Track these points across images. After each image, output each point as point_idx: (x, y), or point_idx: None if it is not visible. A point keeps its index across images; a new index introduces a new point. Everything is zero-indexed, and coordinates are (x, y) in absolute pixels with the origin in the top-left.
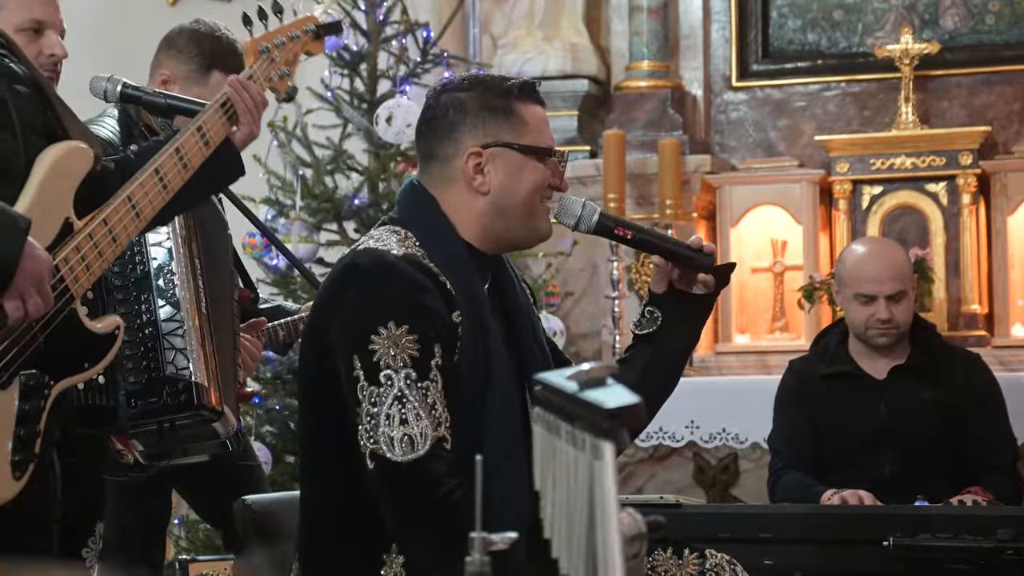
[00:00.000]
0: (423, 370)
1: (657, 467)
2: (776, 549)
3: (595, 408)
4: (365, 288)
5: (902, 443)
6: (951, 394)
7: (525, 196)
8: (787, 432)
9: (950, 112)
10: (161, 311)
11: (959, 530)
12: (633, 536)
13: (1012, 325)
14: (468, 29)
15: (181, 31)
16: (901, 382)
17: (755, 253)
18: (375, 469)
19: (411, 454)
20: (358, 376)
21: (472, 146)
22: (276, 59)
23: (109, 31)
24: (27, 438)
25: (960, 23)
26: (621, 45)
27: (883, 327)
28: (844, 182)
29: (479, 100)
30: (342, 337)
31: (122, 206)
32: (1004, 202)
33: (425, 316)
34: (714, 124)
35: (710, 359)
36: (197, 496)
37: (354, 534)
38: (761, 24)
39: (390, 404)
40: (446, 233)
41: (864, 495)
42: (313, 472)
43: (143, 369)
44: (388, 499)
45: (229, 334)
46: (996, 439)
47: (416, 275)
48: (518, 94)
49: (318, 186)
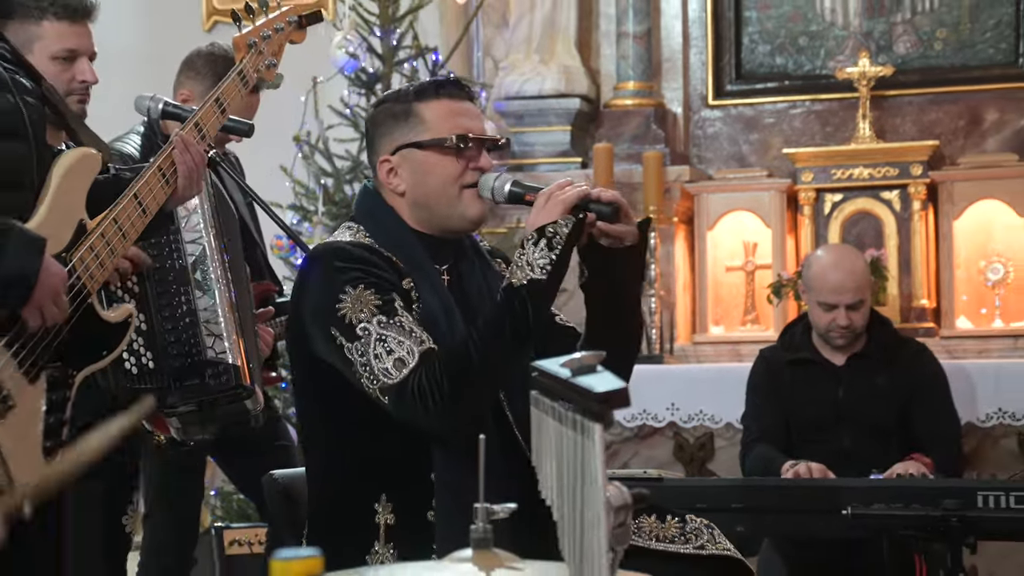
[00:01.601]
0: (390, 311)
1: (640, 445)
2: (747, 518)
3: (586, 392)
4: (322, 270)
5: (858, 421)
6: (902, 379)
7: (437, 188)
8: (756, 412)
9: (902, 128)
10: (199, 301)
11: (910, 500)
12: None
13: (957, 318)
14: (472, 53)
15: (199, 54)
16: (858, 368)
17: (729, 254)
18: (389, 401)
19: (406, 369)
20: (340, 343)
21: (383, 155)
22: (263, 51)
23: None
24: (55, 425)
25: (911, 49)
26: (609, 67)
27: (842, 331)
28: (808, 190)
29: (384, 112)
30: (313, 317)
31: (130, 204)
32: (951, 208)
33: (378, 277)
34: (692, 138)
35: (688, 348)
36: (233, 469)
37: (348, 492)
38: (735, 49)
39: (374, 346)
40: (392, 223)
41: (815, 467)
42: (309, 446)
43: (185, 354)
44: (411, 415)
45: (250, 322)
46: (940, 418)
47: (364, 253)
48: (415, 96)
49: (338, 193)
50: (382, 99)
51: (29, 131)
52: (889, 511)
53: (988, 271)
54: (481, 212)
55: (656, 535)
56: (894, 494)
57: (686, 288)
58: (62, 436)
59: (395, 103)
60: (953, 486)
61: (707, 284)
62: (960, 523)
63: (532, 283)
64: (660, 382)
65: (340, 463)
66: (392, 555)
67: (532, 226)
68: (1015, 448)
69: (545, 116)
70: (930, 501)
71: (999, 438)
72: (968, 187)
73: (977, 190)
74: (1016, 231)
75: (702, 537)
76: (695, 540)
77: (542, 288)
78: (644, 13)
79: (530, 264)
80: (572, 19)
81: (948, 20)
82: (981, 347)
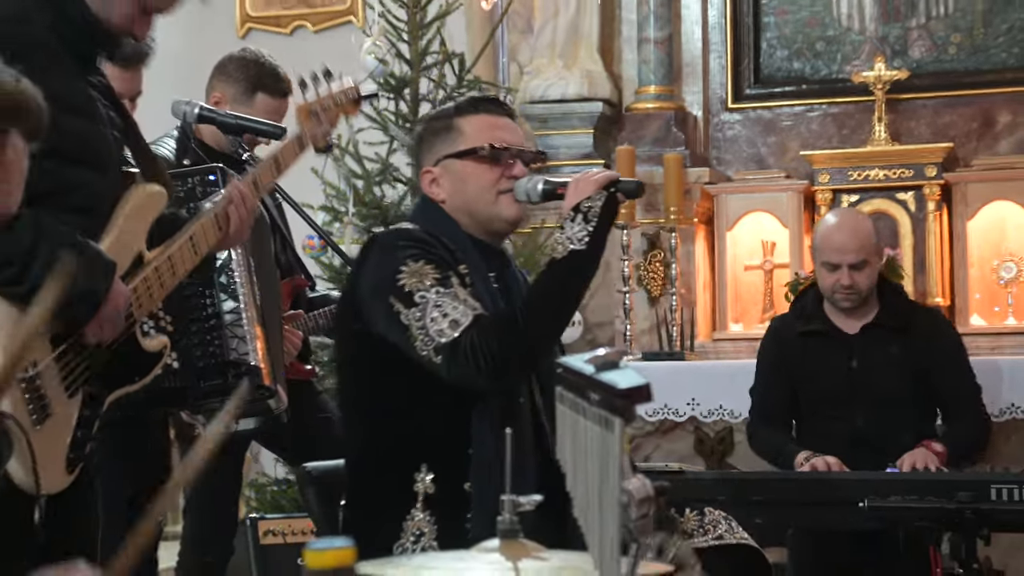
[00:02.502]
0: (446, 283)
1: (662, 439)
2: (766, 510)
3: (610, 388)
4: (383, 248)
5: (872, 394)
6: (917, 348)
7: (474, 194)
8: (764, 384)
9: (917, 130)
10: (224, 304)
11: (925, 493)
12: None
13: (971, 315)
14: (498, 58)
15: (231, 58)
16: (871, 338)
17: (748, 253)
18: (443, 360)
19: (460, 328)
20: (398, 310)
21: (425, 167)
22: (322, 120)
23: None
24: (82, 440)
25: (926, 53)
26: (631, 72)
27: (845, 292)
28: (825, 191)
29: (428, 128)
30: (371, 291)
31: (184, 245)
32: (964, 209)
33: (437, 255)
34: (712, 141)
35: (708, 345)
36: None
37: (390, 461)
38: (753, 53)
39: (431, 311)
40: (450, 225)
41: (832, 461)
42: (352, 418)
43: (209, 354)
44: (461, 372)
45: (277, 325)
46: (959, 387)
47: (425, 236)
48: (456, 112)
49: (368, 195)
50: (426, 117)
51: (112, 163)
52: (905, 503)
53: (1001, 270)
54: (518, 213)
55: None
56: (909, 487)
57: (706, 287)
58: (85, 450)
59: (437, 120)
60: (967, 479)
61: (726, 283)
62: (974, 515)
63: (572, 254)
64: (681, 378)
65: (384, 435)
66: (429, 521)
67: (567, 207)
68: None
69: (568, 120)
70: (944, 493)
71: (1012, 433)
72: (982, 188)
73: (990, 191)
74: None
75: (720, 528)
76: (713, 531)
77: (582, 257)
78: (665, 19)
79: (569, 239)
80: (595, 25)
81: (962, 25)
82: (994, 344)
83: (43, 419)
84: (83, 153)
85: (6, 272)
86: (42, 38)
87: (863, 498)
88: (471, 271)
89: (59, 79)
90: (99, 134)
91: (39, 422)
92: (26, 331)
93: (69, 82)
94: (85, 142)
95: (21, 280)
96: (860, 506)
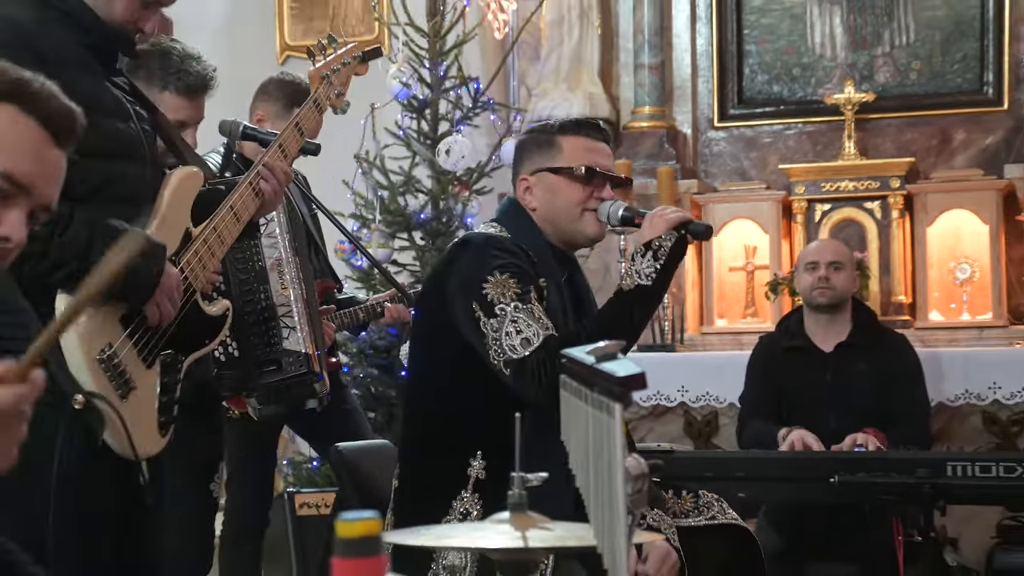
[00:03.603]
0: (526, 299)
1: (655, 422)
2: (747, 485)
3: (609, 377)
4: (474, 252)
5: (843, 403)
6: (882, 365)
7: (563, 208)
8: (753, 390)
9: (883, 147)
10: (276, 298)
11: (889, 470)
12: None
13: (930, 311)
14: (509, 82)
15: (271, 81)
16: (843, 355)
17: (732, 256)
18: (510, 373)
19: (530, 348)
20: (479, 316)
21: (522, 175)
22: (333, 82)
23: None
24: (168, 404)
25: (890, 78)
26: (628, 94)
27: (823, 286)
28: (801, 201)
29: (530, 139)
30: (459, 290)
31: (226, 215)
32: (924, 216)
33: (522, 269)
34: (700, 156)
35: (696, 338)
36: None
37: (448, 446)
38: (737, 78)
39: (507, 325)
40: (529, 229)
41: (807, 435)
42: (416, 397)
43: (265, 344)
44: (525, 388)
45: (316, 316)
46: (914, 401)
47: (515, 247)
48: (559, 130)
49: (392, 204)
50: (531, 128)
51: (147, 155)
52: (871, 479)
53: (957, 271)
54: (599, 232)
55: (674, 511)
56: (875, 465)
57: (694, 286)
58: (173, 412)
59: (541, 133)
60: (926, 457)
61: (713, 282)
62: (932, 489)
63: (639, 288)
64: (671, 368)
65: (446, 423)
66: (475, 502)
67: (640, 240)
68: (980, 425)
69: None
70: (906, 471)
71: (966, 416)
72: (940, 198)
73: (948, 201)
74: (981, 237)
75: (713, 509)
76: (707, 512)
77: (648, 293)
78: (658, 47)
79: (638, 272)
80: (595, 52)
81: (922, 53)
82: (951, 337)
83: (127, 392)
84: (117, 148)
85: (66, 270)
86: (65, 48)
87: (834, 475)
88: (548, 283)
89: (87, 84)
90: (130, 130)
91: (124, 396)
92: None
93: (97, 85)
94: (118, 139)
95: (81, 276)
96: (831, 482)
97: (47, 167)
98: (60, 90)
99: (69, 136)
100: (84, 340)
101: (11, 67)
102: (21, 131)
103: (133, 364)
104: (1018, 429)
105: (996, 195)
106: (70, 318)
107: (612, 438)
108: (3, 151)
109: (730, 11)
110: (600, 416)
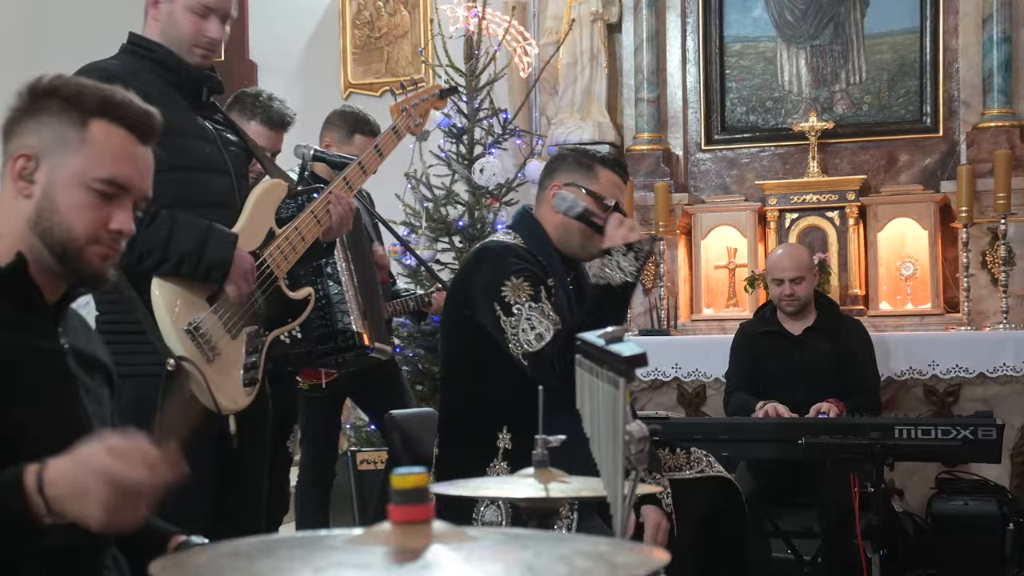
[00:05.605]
0: (537, 298)
1: (653, 394)
2: (730, 445)
3: (616, 356)
4: (497, 258)
5: (809, 378)
6: (842, 346)
7: (580, 227)
8: (736, 368)
9: (840, 166)
10: (331, 288)
11: (846, 433)
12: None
13: (880, 302)
14: (532, 112)
15: (335, 112)
16: (810, 338)
17: (717, 256)
18: (528, 364)
19: (543, 342)
20: (499, 315)
21: (556, 183)
22: (412, 114)
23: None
24: (251, 369)
25: (847, 110)
26: (630, 123)
27: (788, 300)
28: (774, 211)
29: (572, 156)
30: (482, 292)
31: (308, 217)
32: (875, 223)
33: (534, 273)
34: (690, 173)
35: (688, 324)
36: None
37: (479, 420)
38: (720, 109)
39: (523, 323)
40: (539, 236)
41: (780, 408)
42: (449, 378)
43: (322, 325)
44: (543, 376)
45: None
46: (865, 378)
47: (528, 255)
48: (600, 161)
49: (436, 214)
50: (573, 148)
51: (230, 168)
52: (831, 441)
53: (902, 269)
54: (599, 250)
55: (669, 465)
56: (835, 428)
57: (686, 281)
58: (257, 374)
59: (583, 156)
60: (877, 422)
61: (701, 278)
62: (882, 449)
63: (625, 284)
64: (667, 348)
65: (477, 399)
66: (507, 469)
67: (613, 240)
68: (921, 395)
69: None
70: (861, 433)
71: (910, 388)
72: (888, 209)
73: (894, 211)
74: (922, 240)
75: (702, 463)
76: (697, 466)
77: (630, 288)
78: (655, 84)
79: (622, 269)
80: (603, 88)
81: (872, 89)
82: (897, 323)
83: (213, 357)
84: (197, 162)
85: (151, 259)
86: (151, 86)
87: (801, 437)
88: (556, 282)
89: (173, 114)
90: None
91: (210, 360)
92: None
93: (180, 115)
94: (198, 156)
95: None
96: (799, 443)
97: (140, 165)
98: (136, 96)
99: (151, 134)
100: (175, 315)
101: (93, 84)
102: (115, 140)
103: (219, 334)
104: (953, 399)
105: (934, 206)
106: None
107: (618, 407)
108: (104, 160)
109: (714, 55)
110: (609, 389)
